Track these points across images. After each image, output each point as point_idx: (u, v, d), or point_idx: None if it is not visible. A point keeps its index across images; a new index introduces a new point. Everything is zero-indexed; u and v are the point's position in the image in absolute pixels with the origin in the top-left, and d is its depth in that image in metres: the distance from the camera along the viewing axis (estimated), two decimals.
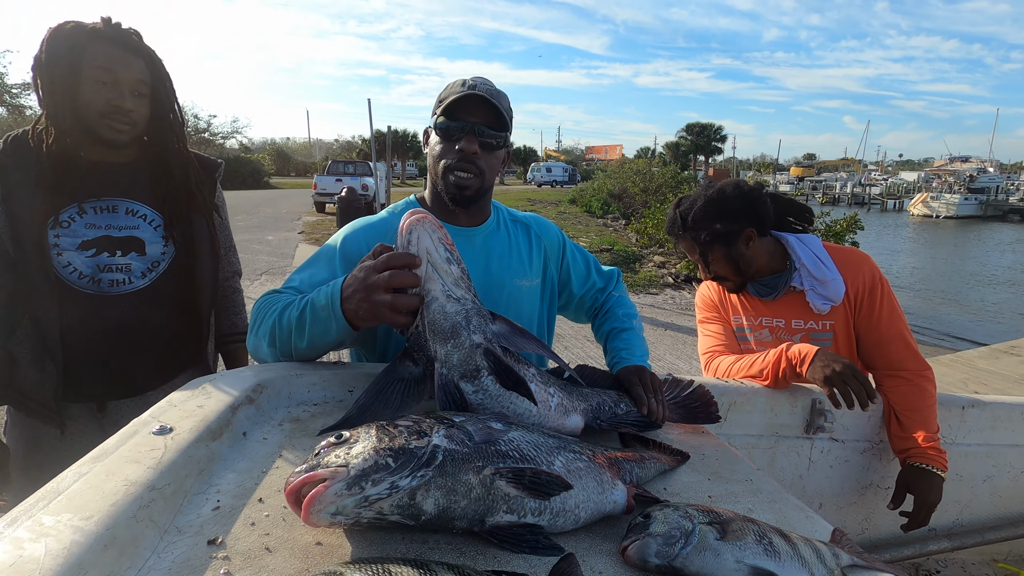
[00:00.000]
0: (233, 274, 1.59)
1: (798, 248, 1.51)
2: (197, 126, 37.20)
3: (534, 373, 0.91)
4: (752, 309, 1.59)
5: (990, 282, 15.87)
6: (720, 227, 1.49)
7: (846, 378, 1.28)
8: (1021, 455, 1.62)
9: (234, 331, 1.58)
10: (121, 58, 1.23)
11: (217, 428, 0.75)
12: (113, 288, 1.29)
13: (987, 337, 8.58)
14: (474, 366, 0.82)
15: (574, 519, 0.67)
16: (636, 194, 19.04)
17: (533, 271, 1.28)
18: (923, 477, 1.36)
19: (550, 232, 1.34)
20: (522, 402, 0.84)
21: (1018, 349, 4.72)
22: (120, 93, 1.24)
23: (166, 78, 1.34)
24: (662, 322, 6.77)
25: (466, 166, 1.12)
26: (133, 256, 1.30)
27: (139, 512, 0.55)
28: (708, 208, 1.50)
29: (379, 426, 0.65)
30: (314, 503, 0.55)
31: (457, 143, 1.12)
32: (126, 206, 1.31)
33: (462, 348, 0.81)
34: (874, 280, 1.48)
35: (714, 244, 1.50)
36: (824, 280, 1.46)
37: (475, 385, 0.82)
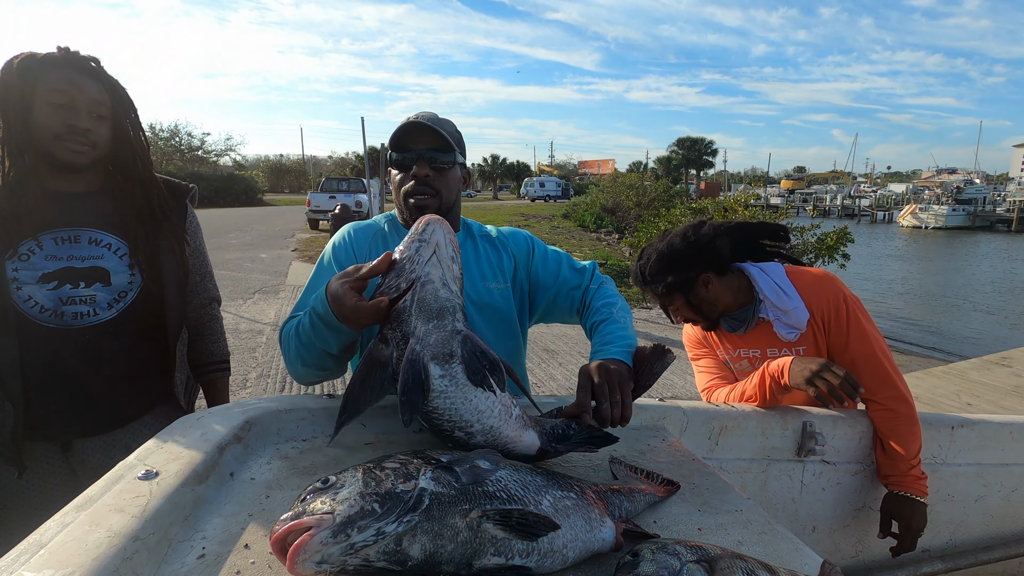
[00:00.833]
0: (210, 300, 1.54)
1: (760, 279, 1.52)
2: (191, 144, 37.31)
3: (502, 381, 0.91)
4: (729, 342, 1.63)
5: (982, 291, 16.01)
6: (673, 279, 1.54)
7: (825, 374, 1.33)
8: (1011, 474, 1.63)
9: (212, 360, 1.53)
10: (76, 80, 1.21)
11: (203, 471, 0.74)
12: (77, 321, 1.24)
13: (979, 347, 8.64)
14: (449, 350, 0.83)
15: (562, 559, 0.67)
16: (629, 208, 19.18)
17: (503, 276, 1.34)
18: (904, 504, 1.38)
19: (518, 238, 1.41)
20: (483, 400, 0.84)
21: (1009, 360, 4.77)
22: (76, 114, 1.21)
23: (127, 102, 1.31)
24: (656, 336, 6.77)
25: (422, 189, 1.21)
26: (98, 287, 1.26)
27: (122, 565, 0.55)
28: (660, 262, 1.56)
29: (366, 469, 0.65)
30: (299, 552, 0.55)
31: (410, 170, 1.21)
32: (89, 235, 1.27)
33: (443, 330, 0.84)
34: (838, 301, 1.48)
35: (672, 294, 1.56)
36: (786, 309, 1.49)
37: (444, 370, 0.82)
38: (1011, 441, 1.60)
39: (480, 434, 0.84)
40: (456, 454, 0.73)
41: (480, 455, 0.75)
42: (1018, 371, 4.45)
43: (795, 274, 1.54)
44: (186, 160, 36.30)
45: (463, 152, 1.29)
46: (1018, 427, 1.61)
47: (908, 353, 8.23)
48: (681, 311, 1.59)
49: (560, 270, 1.38)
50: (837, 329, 1.48)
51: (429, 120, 1.20)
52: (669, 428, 1.27)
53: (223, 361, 1.53)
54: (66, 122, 1.20)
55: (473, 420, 0.84)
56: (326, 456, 0.89)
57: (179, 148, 36.40)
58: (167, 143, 35.95)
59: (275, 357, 5.07)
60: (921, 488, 1.39)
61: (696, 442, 1.31)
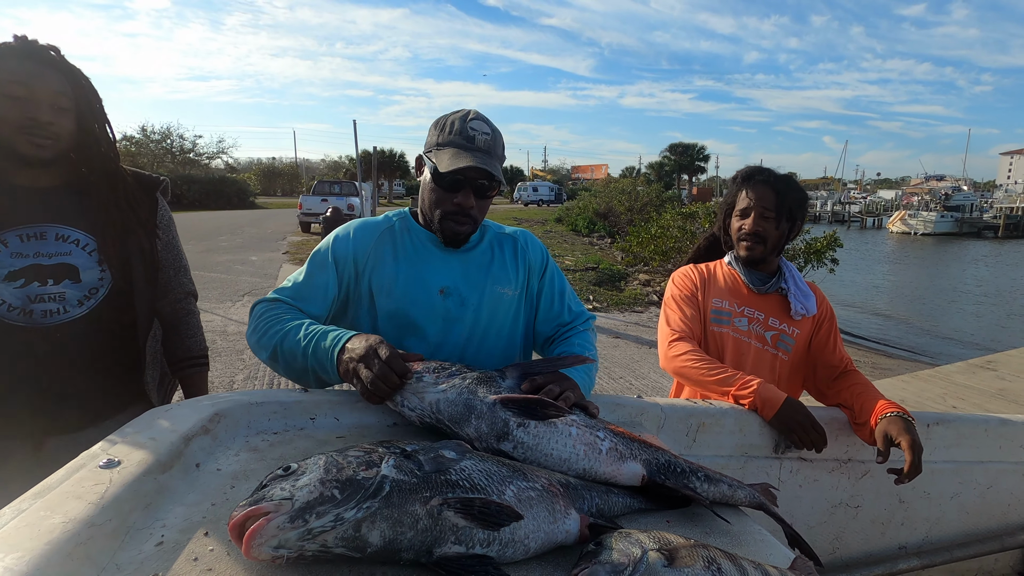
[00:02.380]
0: (186, 295, 1.51)
1: (789, 265, 1.72)
2: (183, 146, 37.10)
3: (574, 419, 0.90)
4: (738, 295, 1.66)
5: (969, 296, 16.19)
6: (802, 206, 1.65)
7: (807, 431, 1.36)
8: (987, 471, 1.64)
9: (189, 355, 1.49)
10: (35, 71, 1.17)
11: (168, 460, 0.74)
12: (47, 319, 1.21)
13: (965, 351, 8.73)
14: (502, 425, 0.86)
15: (524, 549, 0.67)
16: (621, 213, 19.25)
17: (516, 281, 1.32)
18: (901, 422, 1.35)
19: (536, 247, 1.39)
20: (563, 447, 0.86)
21: (994, 364, 4.82)
22: (37, 106, 1.17)
23: (90, 92, 1.28)
24: (647, 340, 6.79)
25: (462, 219, 1.20)
26: (67, 284, 1.24)
27: (75, 550, 0.55)
28: (801, 188, 1.67)
29: (328, 456, 0.65)
30: (255, 537, 0.55)
31: (455, 197, 1.18)
32: (55, 232, 1.24)
33: (483, 416, 0.87)
34: (831, 310, 1.70)
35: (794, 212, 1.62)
36: (806, 293, 1.66)
37: (511, 442, 0.85)
38: (986, 439, 1.62)
39: (579, 479, 0.86)
40: (422, 444, 0.73)
41: (446, 445, 0.75)
42: (1003, 375, 4.50)
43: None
44: (177, 162, 36.09)
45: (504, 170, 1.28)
46: (993, 425, 1.63)
47: (896, 357, 8.30)
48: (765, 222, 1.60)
49: (563, 301, 1.39)
50: (827, 329, 1.67)
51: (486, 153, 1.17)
52: (646, 425, 1.28)
53: (200, 356, 1.51)
54: (27, 115, 1.17)
55: (565, 469, 0.86)
56: (296, 449, 0.89)
57: (170, 150, 36.17)
58: (158, 145, 35.73)
59: None
60: (907, 412, 1.39)
61: (674, 439, 1.32)
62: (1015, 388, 4.14)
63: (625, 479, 0.88)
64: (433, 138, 1.21)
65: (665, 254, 10.11)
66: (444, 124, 1.20)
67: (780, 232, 1.62)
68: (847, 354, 1.67)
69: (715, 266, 1.75)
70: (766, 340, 1.63)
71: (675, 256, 10.05)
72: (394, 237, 1.26)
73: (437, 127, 1.22)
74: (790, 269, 1.70)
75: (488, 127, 1.20)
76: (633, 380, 5.18)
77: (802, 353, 1.65)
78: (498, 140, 1.22)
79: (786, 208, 1.60)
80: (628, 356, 6.01)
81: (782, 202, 1.60)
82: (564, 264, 11.98)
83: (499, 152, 1.22)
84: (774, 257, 1.68)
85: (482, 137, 1.18)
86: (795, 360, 1.64)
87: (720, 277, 1.71)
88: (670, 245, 10.00)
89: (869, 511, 1.56)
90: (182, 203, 29.82)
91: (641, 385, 5.08)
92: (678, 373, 1.54)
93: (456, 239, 1.24)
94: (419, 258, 1.24)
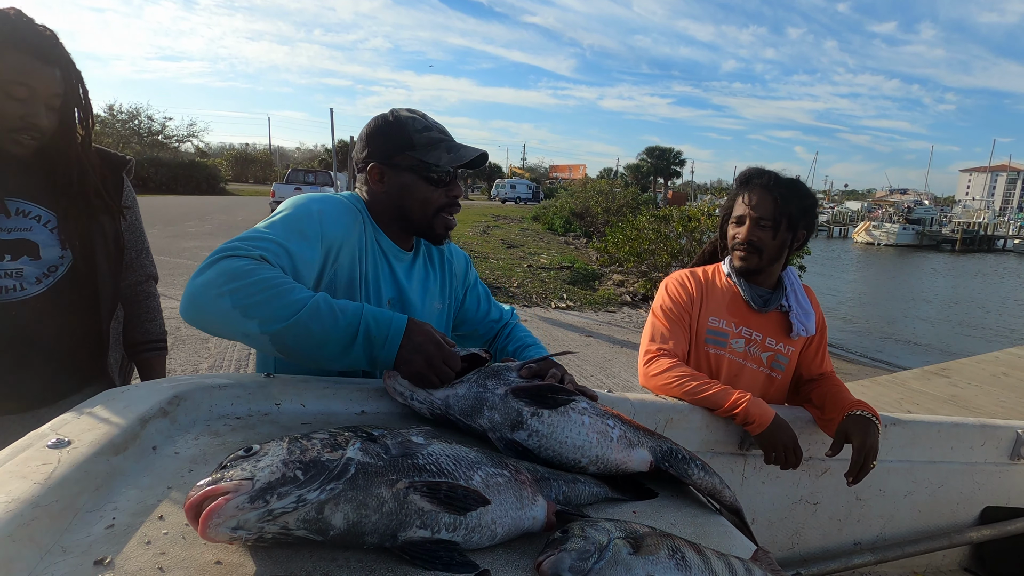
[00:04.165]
0: (147, 278, 1.48)
1: (792, 275, 1.62)
2: (151, 128, 35.91)
3: (584, 407, 0.91)
4: (736, 313, 1.57)
5: (926, 306, 16.83)
6: (807, 214, 1.53)
7: (788, 453, 1.36)
8: (938, 471, 1.71)
9: (147, 339, 1.46)
10: (38, 69, 1.13)
11: (121, 442, 0.71)
12: (2, 295, 1.18)
13: (921, 358, 9.08)
14: (515, 414, 0.87)
15: (491, 535, 0.67)
16: (598, 213, 19.39)
17: (444, 296, 1.35)
18: (861, 423, 1.37)
19: (459, 256, 1.43)
20: (577, 435, 0.86)
21: (947, 371, 5.03)
22: (35, 108, 1.15)
23: (80, 83, 1.24)
24: (619, 340, 6.86)
25: (455, 209, 1.24)
26: (25, 260, 1.20)
27: (17, 531, 0.52)
28: (802, 191, 1.54)
29: (292, 438, 0.63)
30: (212, 516, 0.53)
31: (451, 190, 1.20)
32: (16, 206, 1.21)
33: (495, 408, 0.88)
34: (823, 320, 1.65)
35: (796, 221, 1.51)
36: (807, 311, 1.58)
37: (526, 431, 0.86)
38: (938, 439, 1.68)
39: (592, 465, 0.87)
40: (391, 429, 0.72)
41: (414, 431, 0.74)
42: (955, 381, 4.70)
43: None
44: (145, 144, 34.88)
45: None
46: (946, 427, 1.70)
47: (856, 363, 8.58)
48: (761, 231, 1.50)
49: (488, 303, 1.46)
50: (819, 342, 1.63)
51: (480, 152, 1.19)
52: None
53: (159, 340, 1.47)
54: (24, 117, 1.14)
55: (579, 456, 0.86)
56: (259, 434, 0.86)
57: (137, 131, 34.95)
58: (124, 125, 34.48)
59: (228, 348, 4.92)
60: (875, 412, 1.40)
61: None
62: (966, 394, 4.33)
63: (635, 465, 0.90)
64: (402, 141, 1.16)
65: (640, 255, 10.24)
66: (403, 127, 1.17)
67: (779, 242, 1.50)
68: (830, 363, 1.64)
69: (713, 274, 1.63)
70: (762, 361, 1.56)
71: (649, 258, 10.19)
72: (363, 224, 1.18)
73: (403, 130, 1.17)
74: (791, 282, 1.60)
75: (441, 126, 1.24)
76: (605, 379, 5.23)
77: (793, 368, 1.61)
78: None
79: (785, 216, 1.48)
80: (600, 355, 6.06)
81: (781, 209, 1.48)
82: (539, 262, 12.01)
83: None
84: (774, 268, 1.56)
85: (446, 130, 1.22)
86: (787, 378, 1.60)
87: (719, 290, 1.59)
88: (645, 247, 10.12)
89: (827, 508, 1.61)
90: (148, 186, 28.87)
91: (612, 383, 5.13)
92: (661, 391, 1.46)
93: (447, 234, 1.26)
94: (374, 263, 1.20)
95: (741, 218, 1.53)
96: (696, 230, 9.79)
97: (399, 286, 1.22)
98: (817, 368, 1.62)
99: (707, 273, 1.63)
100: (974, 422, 1.74)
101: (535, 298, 8.70)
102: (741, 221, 1.53)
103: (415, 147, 1.16)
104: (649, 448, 0.93)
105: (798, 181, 1.57)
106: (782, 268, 1.60)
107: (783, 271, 1.61)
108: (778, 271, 1.59)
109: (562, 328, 7.15)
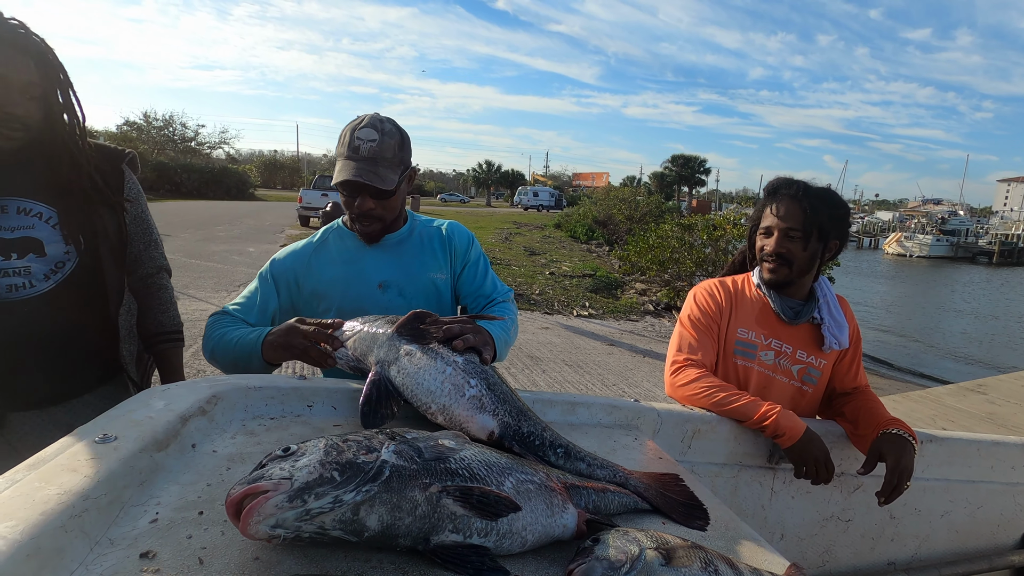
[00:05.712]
0: (158, 270, 1.47)
1: (825, 285, 1.58)
2: (184, 135, 37.02)
3: (456, 360, 0.95)
4: (766, 325, 1.54)
5: (961, 320, 16.29)
6: (839, 224, 1.50)
7: (819, 467, 1.32)
8: (977, 491, 1.65)
9: (161, 330, 1.46)
10: (10, 59, 1.13)
11: (164, 439, 0.73)
12: (12, 293, 1.18)
13: (956, 374, 8.78)
14: (395, 352, 0.96)
15: (521, 542, 0.67)
16: (621, 221, 19.30)
17: (445, 267, 1.46)
18: (896, 441, 1.34)
19: (462, 234, 1.52)
20: (433, 381, 0.92)
21: (984, 388, 4.85)
22: (10, 99, 1.14)
23: (59, 70, 1.24)
24: (641, 349, 6.80)
25: (366, 220, 1.36)
26: (32, 258, 1.21)
27: (69, 522, 0.54)
28: (839, 203, 1.51)
29: (328, 439, 0.64)
30: (253, 514, 0.54)
31: (354, 202, 1.33)
32: (17, 205, 1.21)
33: (382, 345, 0.98)
34: (859, 333, 1.60)
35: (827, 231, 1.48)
36: (840, 323, 1.53)
37: (397, 367, 0.95)
38: (978, 458, 1.62)
39: (440, 414, 0.91)
40: (423, 432, 0.73)
41: (446, 435, 0.74)
42: (992, 398, 4.53)
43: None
44: (178, 151, 35.98)
45: (406, 167, 1.37)
46: (985, 445, 1.64)
47: (888, 377, 8.34)
48: (790, 242, 1.47)
49: (485, 279, 1.51)
50: (853, 354, 1.58)
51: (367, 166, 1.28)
52: (643, 428, 1.27)
53: (174, 331, 1.48)
54: (2, 108, 1.14)
55: (430, 401, 0.91)
56: (292, 435, 0.88)
57: (172, 138, 36.05)
58: (159, 132, 35.60)
59: None
60: (911, 431, 1.36)
61: (669, 444, 1.31)
62: (1004, 412, 4.17)
63: (475, 430, 0.89)
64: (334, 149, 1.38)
65: (663, 264, 10.14)
66: (341, 136, 1.34)
67: (810, 253, 1.47)
68: (865, 377, 1.60)
69: (743, 284, 1.60)
70: (792, 374, 1.52)
71: (672, 267, 10.08)
72: (330, 245, 1.42)
73: (338, 138, 1.35)
74: (824, 293, 1.55)
75: (375, 133, 1.29)
76: (627, 388, 5.19)
77: (826, 382, 1.57)
78: (387, 143, 1.30)
79: (816, 226, 1.45)
80: (622, 364, 6.01)
81: (811, 219, 1.44)
82: (561, 270, 11.99)
83: (388, 155, 1.30)
84: (806, 279, 1.53)
85: (367, 145, 1.28)
86: (818, 391, 1.57)
87: (748, 300, 1.56)
88: (668, 255, 10.03)
89: (860, 525, 1.56)
90: (180, 191, 29.74)
91: (634, 393, 5.08)
92: (689, 402, 1.43)
93: (369, 238, 1.40)
94: (357, 258, 1.41)
95: (769, 229, 1.51)
96: (721, 239, 9.67)
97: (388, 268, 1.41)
98: (851, 382, 1.57)
99: (736, 283, 1.60)
100: (1016, 441, 1.67)
101: (557, 306, 8.68)
102: (769, 232, 1.51)
103: (336, 158, 1.35)
104: (501, 422, 0.89)
105: (829, 190, 1.54)
106: (814, 279, 1.57)
107: (816, 282, 1.57)
108: (810, 282, 1.56)
109: (584, 336, 7.12)
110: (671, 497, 0.91)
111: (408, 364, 0.94)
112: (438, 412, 0.91)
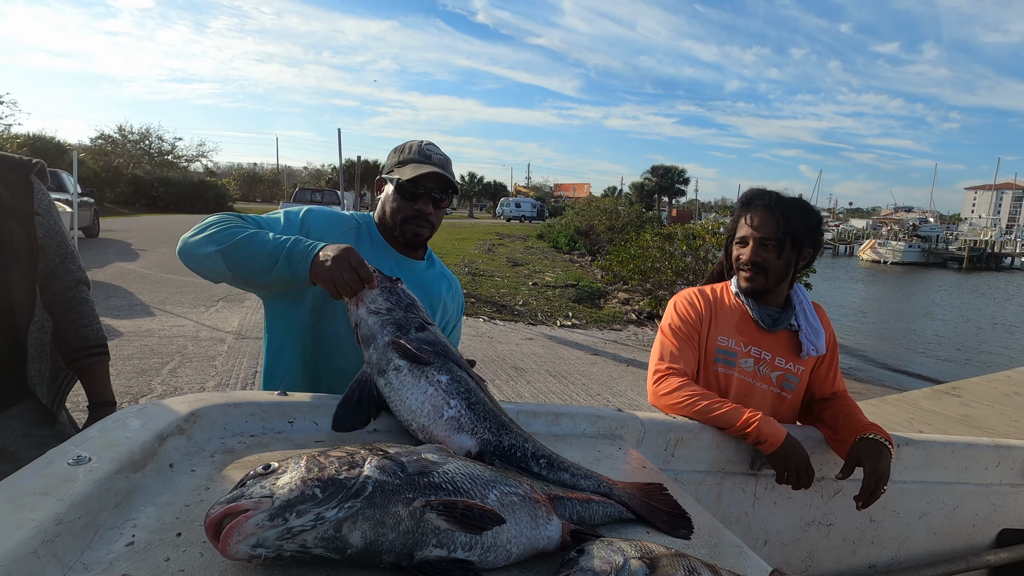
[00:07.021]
0: (76, 283, 1.41)
1: (801, 292, 1.61)
2: (161, 148, 36.48)
3: (439, 380, 0.95)
4: (745, 333, 1.56)
5: (935, 325, 16.69)
6: (812, 232, 1.54)
7: (800, 473, 1.35)
8: (953, 492, 1.68)
9: (85, 344, 1.39)
10: None
11: (140, 459, 0.72)
12: None
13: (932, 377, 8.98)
14: (386, 362, 0.96)
15: (506, 554, 0.67)
16: (602, 231, 19.46)
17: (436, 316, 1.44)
18: (873, 447, 1.37)
19: (459, 296, 1.57)
20: (414, 400, 0.93)
21: (958, 390, 4.97)
22: None
23: None
24: (625, 358, 6.83)
25: (421, 223, 1.37)
26: None
27: (41, 547, 0.52)
28: (811, 212, 1.56)
29: (310, 457, 0.64)
30: (233, 534, 0.53)
31: (415, 204, 1.35)
32: None
33: (379, 349, 0.98)
34: (835, 339, 1.63)
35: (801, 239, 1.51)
36: (817, 330, 1.56)
37: (385, 379, 0.96)
38: (953, 460, 1.66)
39: (420, 433, 0.92)
40: (405, 447, 0.73)
41: (429, 448, 0.74)
42: (966, 401, 4.64)
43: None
44: (155, 164, 35.40)
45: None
46: (959, 447, 1.68)
47: (865, 382, 8.49)
48: (765, 251, 1.51)
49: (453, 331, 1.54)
50: (830, 360, 1.62)
51: (442, 166, 1.35)
52: (626, 438, 1.28)
53: (98, 345, 1.41)
54: None
55: (410, 420, 0.93)
56: (273, 452, 0.87)
57: (148, 151, 35.49)
58: (135, 146, 35.04)
59: (235, 366, 4.93)
60: (888, 436, 1.39)
61: (653, 452, 1.32)
62: (977, 414, 4.27)
63: (454, 448, 0.88)
64: (393, 160, 1.39)
65: (644, 273, 10.24)
66: (404, 148, 1.39)
67: (784, 261, 1.51)
68: (842, 382, 1.63)
69: (722, 292, 1.63)
70: (771, 381, 1.55)
71: (653, 276, 10.19)
72: (358, 235, 1.39)
73: (397, 151, 1.40)
74: (801, 301, 1.59)
75: (441, 151, 1.40)
76: (611, 397, 5.20)
77: (804, 388, 1.61)
78: (449, 161, 1.41)
79: (789, 235, 1.49)
80: (606, 373, 6.03)
81: (785, 228, 1.49)
82: (544, 280, 12.03)
83: (451, 170, 1.40)
84: (782, 287, 1.57)
85: (438, 156, 1.37)
86: (797, 397, 1.59)
87: (727, 308, 1.59)
88: (649, 265, 10.13)
89: (841, 529, 1.58)
90: (158, 205, 29.23)
91: (618, 402, 5.10)
92: (671, 410, 1.45)
93: (416, 240, 1.40)
94: (376, 260, 1.35)
95: (744, 239, 1.55)
96: (700, 248, 9.81)
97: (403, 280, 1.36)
98: (829, 387, 1.60)
99: (716, 291, 1.63)
100: (988, 442, 1.72)
101: (540, 316, 8.70)
102: (744, 242, 1.55)
103: (400, 164, 1.37)
104: (481, 440, 0.90)
105: (802, 199, 1.58)
106: (790, 286, 1.60)
107: (791, 289, 1.61)
108: (786, 290, 1.59)
109: (568, 346, 7.13)
110: (655, 506, 0.92)
111: (395, 379, 0.95)
112: (418, 431, 0.93)
